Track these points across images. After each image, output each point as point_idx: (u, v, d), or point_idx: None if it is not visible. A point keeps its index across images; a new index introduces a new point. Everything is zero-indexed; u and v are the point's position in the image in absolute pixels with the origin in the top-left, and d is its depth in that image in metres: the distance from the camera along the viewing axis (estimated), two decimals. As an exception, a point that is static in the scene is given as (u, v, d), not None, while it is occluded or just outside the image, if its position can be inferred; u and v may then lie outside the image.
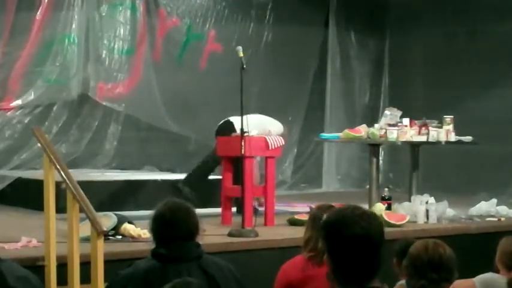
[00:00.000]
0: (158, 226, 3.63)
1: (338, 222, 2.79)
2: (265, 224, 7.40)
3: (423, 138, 8.12)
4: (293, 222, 7.39)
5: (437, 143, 8.23)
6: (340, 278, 2.81)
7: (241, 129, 7.05)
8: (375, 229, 2.78)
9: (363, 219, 2.78)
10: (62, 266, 5.23)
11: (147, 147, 10.74)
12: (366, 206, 3.55)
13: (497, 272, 4.52)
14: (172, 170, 10.12)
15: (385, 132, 7.96)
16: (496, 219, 8.26)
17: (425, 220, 7.73)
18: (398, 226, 7.34)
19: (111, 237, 6.19)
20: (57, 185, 5.39)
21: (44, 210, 5.41)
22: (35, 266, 5.17)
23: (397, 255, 4.30)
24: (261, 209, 7.51)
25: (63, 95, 10.08)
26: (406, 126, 8.04)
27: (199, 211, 3.86)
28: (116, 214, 6.53)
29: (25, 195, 8.41)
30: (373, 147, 8.25)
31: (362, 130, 8.22)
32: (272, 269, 4.38)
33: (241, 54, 7.05)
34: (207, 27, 11.02)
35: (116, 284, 3.65)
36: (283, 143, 7.71)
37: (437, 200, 7.96)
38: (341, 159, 12.36)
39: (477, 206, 8.56)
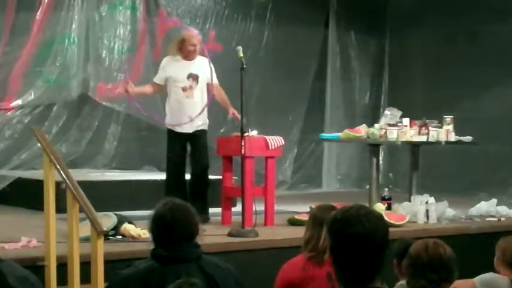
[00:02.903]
0: (158, 227, 3.63)
1: (342, 220, 2.79)
2: (265, 224, 7.40)
3: (423, 138, 8.12)
4: (293, 222, 7.39)
5: (437, 143, 8.23)
6: (341, 276, 2.82)
7: (241, 129, 7.04)
8: (378, 230, 2.78)
9: (367, 219, 2.77)
10: (62, 266, 5.23)
11: (147, 147, 10.74)
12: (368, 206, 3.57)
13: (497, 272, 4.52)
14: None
15: (385, 132, 7.97)
16: (496, 219, 8.27)
17: (425, 220, 7.73)
18: (398, 226, 7.34)
19: (111, 237, 6.19)
20: (57, 185, 5.39)
21: (44, 210, 5.41)
22: (35, 266, 5.18)
23: (396, 256, 4.30)
24: None
25: (63, 95, 10.09)
26: (406, 126, 8.05)
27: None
28: (116, 214, 6.53)
29: (25, 195, 8.41)
30: (373, 147, 8.25)
31: (362, 130, 8.22)
32: (272, 269, 4.37)
33: (241, 54, 7.05)
34: (207, 27, 11.01)
35: (115, 284, 3.64)
36: (283, 143, 7.70)
37: (437, 200, 7.96)
38: (341, 159, 12.37)
39: (477, 206, 8.57)
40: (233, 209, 7.70)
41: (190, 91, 7.46)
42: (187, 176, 7.62)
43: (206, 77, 7.53)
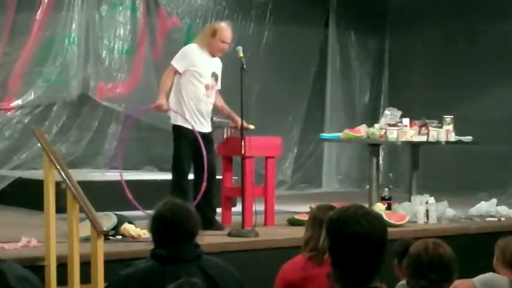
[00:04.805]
0: (158, 227, 3.63)
1: (340, 220, 2.80)
2: (265, 224, 7.40)
3: (423, 138, 8.12)
4: (293, 222, 7.39)
5: (437, 143, 8.23)
6: (339, 276, 2.82)
7: (241, 129, 7.03)
8: (376, 230, 2.78)
9: (365, 219, 2.77)
10: (62, 266, 5.23)
11: (147, 147, 10.74)
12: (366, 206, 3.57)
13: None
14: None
15: (385, 132, 7.96)
16: (496, 219, 8.27)
17: (425, 220, 7.73)
18: (398, 226, 7.34)
19: (111, 237, 6.19)
20: (57, 185, 5.39)
21: (44, 210, 5.41)
22: (35, 266, 5.18)
23: (397, 256, 4.30)
24: None
25: (63, 95, 10.09)
26: (406, 126, 8.05)
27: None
28: (116, 214, 6.53)
29: (25, 195, 8.41)
30: (373, 147, 8.25)
31: (362, 130, 8.22)
32: (272, 269, 4.37)
33: (241, 54, 7.02)
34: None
35: (115, 284, 3.64)
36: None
37: (437, 200, 7.96)
38: (341, 159, 12.38)
39: (477, 206, 8.57)
40: (233, 209, 7.70)
41: (211, 91, 7.05)
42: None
43: (220, 80, 7.21)
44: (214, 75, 7.08)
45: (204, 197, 6.95)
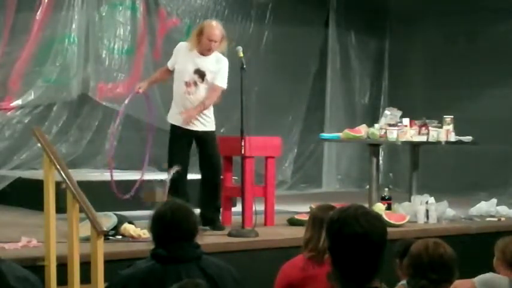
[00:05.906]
0: (158, 226, 3.63)
1: (339, 220, 2.79)
2: (265, 224, 7.40)
3: (423, 138, 8.12)
4: (293, 222, 7.39)
5: (437, 143, 8.23)
6: (339, 276, 2.82)
7: (241, 129, 7.02)
8: (375, 230, 2.78)
9: (364, 219, 2.77)
10: (62, 266, 5.23)
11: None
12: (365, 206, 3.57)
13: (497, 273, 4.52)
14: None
15: (385, 132, 7.97)
16: (496, 219, 8.27)
17: (425, 220, 7.74)
18: (398, 226, 7.34)
19: (111, 237, 6.20)
20: (57, 185, 5.39)
21: (44, 210, 5.41)
22: (35, 266, 5.18)
23: (398, 256, 4.30)
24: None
25: (63, 95, 10.09)
26: (406, 126, 8.05)
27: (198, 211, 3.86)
28: (116, 214, 6.54)
29: (25, 195, 8.41)
30: (373, 147, 8.25)
31: (362, 130, 8.23)
32: (272, 269, 4.37)
33: (241, 54, 7.03)
34: (207, 27, 11.01)
35: (115, 284, 3.64)
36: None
37: (437, 200, 7.96)
38: (341, 159, 12.38)
39: (477, 206, 8.57)
40: (233, 209, 7.70)
41: (194, 88, 6.96)
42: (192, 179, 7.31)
43: (215, 78, 7.03)
44: (198, 72, 6.96)
45: (208, 197, 7.02)
